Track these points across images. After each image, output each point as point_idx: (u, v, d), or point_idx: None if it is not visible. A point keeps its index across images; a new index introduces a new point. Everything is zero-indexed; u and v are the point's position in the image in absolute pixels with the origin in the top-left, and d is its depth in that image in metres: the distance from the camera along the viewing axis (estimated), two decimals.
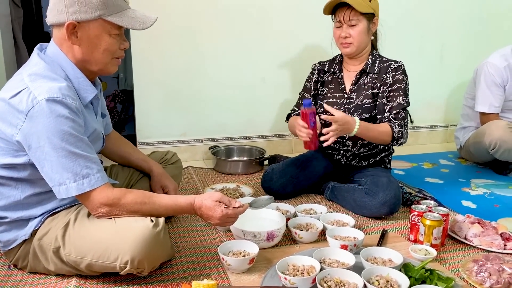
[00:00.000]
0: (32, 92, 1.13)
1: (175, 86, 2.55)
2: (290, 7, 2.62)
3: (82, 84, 1.27)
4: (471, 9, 3.00)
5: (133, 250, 1.15)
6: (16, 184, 1.24)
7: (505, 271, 1.30)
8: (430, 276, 1.26)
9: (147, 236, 1.17)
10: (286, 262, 1.29)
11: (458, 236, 1.61)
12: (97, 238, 1.19)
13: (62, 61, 1.24)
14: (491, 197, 2.09)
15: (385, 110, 1.85)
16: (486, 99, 2.45)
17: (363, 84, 1.91)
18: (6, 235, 1.28)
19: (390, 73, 1.86)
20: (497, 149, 2.30)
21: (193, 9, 2.46)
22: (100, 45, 1.24)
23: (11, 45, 2.43)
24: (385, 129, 1.80)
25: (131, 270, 1.18)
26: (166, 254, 1.34)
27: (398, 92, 1.84)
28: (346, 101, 1.93)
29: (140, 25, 1.27)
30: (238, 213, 1.33)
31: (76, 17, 1.19)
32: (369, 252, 1.38)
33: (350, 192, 1.86)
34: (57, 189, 1.17)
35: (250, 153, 2.62)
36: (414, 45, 2.94)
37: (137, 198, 1.24)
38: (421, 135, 3.14)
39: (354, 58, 1.93)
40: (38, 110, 1.12)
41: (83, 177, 1.16)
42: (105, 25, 1.23)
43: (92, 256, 1.19)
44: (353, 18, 1.81)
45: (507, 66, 2.41)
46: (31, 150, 1.15)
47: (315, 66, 2.06)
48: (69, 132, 1.14)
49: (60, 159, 1.14)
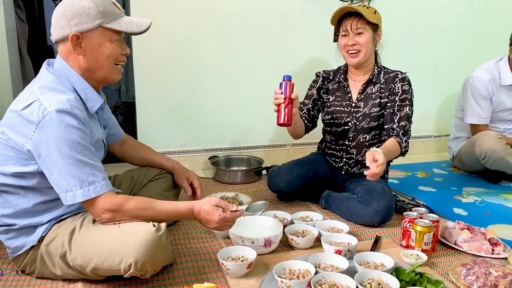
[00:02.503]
0: (43, 104, 1.21)
1: (175, 98, 2.62)
2: (288, 21, 2.71)
3: (89, 94, 1.34)
4: (462, 22, 3.09)
5: (137, 253, 1.21)
6: (24, 193, 1.31)
7: (492, 274, 1.36)
8: (420, 279, 1.32)
9: (150, 240, 1.23)
10: (282, 266, 1.35)
11: (449, 242, 1.68)
12: (102, 242, 1.25)
13: (69, 74, 1.32)
14: (481, 205, 2.15)
15: (394, 120, 1.93)
16: (474, 111, 2.55)
17: (371, 93, 1.98)
18: (14, 241, 1.34)
19: (398, 83, 1.94)
20: (488, 159, 2.38)
21: (193, 25, 2.55)
22: (103, 52, 1.32)
23: (17, 59, 2.51)
24: (396, 147, 1.89)
25: (135, 272, 1.23)
26: (168, 257, 1.40)
27: (405, 102, 1.93)
28: (353, 109, 2.00)
29: (138, 28, 1.34)
30: (235, 216, 1.40)
31: (78, 28, 1.28)
32: (362, 257, 1.44)
33: (344, 201, 1.92)
34: (64, 196, 1.23)
35: (249, 163, 2.69)
36: (407, 57, 3.02)
37: (139, 204, 1.30)
38: (415, 145, 3.21)
39: (360, 68, 2.00)
40: (48, 120, 1.19)
41: (89, 184, 1.23)
42: (106, 32, 1.31)
43: (97, 260, 1.24)
44: (360, 27, 1.88)
45: (491, 79, 2.50)
46: (41, 158, 1.22)
47: (320, 74, 2.11)
48: (77, 141, 1.21)
49: (67, 167, 1.21)
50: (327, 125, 2.08)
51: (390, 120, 1.94)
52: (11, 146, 1.26)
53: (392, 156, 1.91)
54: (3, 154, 1.28)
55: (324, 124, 2.11)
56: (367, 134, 1.99)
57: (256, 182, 2.48)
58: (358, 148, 2.02)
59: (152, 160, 1.78)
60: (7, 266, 1.46)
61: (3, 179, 1.29)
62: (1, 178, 1.29)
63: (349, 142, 2.02)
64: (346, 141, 2.03)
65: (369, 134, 1.99)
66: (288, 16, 2.71)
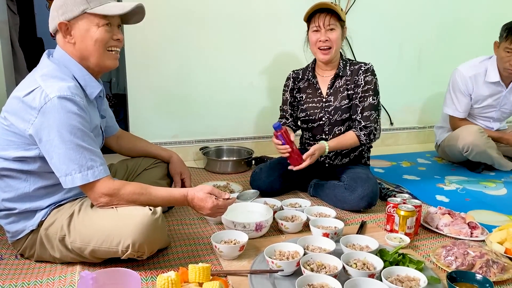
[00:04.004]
0: (45, 91, 1.26)
1: (167, 90, 2.66)
2: (275, 15, 2.77)
3: (88, 81, 1.39)
4: (447, 18, 3.18)
5: (134, 235, 1.27)
6: (25, 177, 1.35)
7: (469, 254, 1.45)
8: (402, 259, 1.40)
9: (147, 222, 1.28)
10: (273, 248, 1.42)
11: (430, 226, 1.76)
12: (100, 225, 1.30)
13: (68, 62, 1.37)
14: (463, 192, 2.25)
15: (357, 110, 2.00)
16: (451, 103, 2.65)
17: (339, 87, 2.05)
18: (14, 226, 1.39)
19: (362, 75, 2.01)
20: (470, 152, 2.47)
21: (184, 17, 2.59)
22: (91, 37, 1.36)
23: (9, 50, 2.53)
24: (353, 140, 1.98)
25: (132, 253, 1.29)
26: (163, 240, 1.46)
27: (368, 92, 1.99)
28: (324, 104, 2.07)
29: (120, 10, 1.37)
30: (227, 204, 1.46)
31: (65, 17, 1.34)
32: (348, 240, 1.51)
33: (331, 188, 1.99)
34: (63, 179, 1.29)
35: (239, 154, 2.75)
36: (393, 51, 3.11)
37: (135, 189, 1.36)
38: (400, 136, 3.31)
39: (328, 64, 2.06)
40: (50, 106, 1.24)
41: (87, 169, 1.28)
42: (91, 18, 1.35)
43: (95, 242, 1.30)
44: (332, 23, 1.94)
45: (473, 76, 2.58)
46: (42, 143, 1.27)
47: (290, 75, 2.18)
48: (77, 127, 1.27)
49: (67, 151, 1.26)
50: (303, 122, 2.15)
51: (354, 112, 2.02)
52: (13, 131, 1.30)
53: (343, 147, 2.01)
54: (5, 140, 1.32)
55: (301, 121, 2.18)
56: (341, 126, 2.07)
57: (246, 172, 2.54)
58: None
59: (149, 151, 1.83)
60: (6, 251, 1.51)
61: (5, 163, 1.33)
62: (3, 162, 1.34)
63: (325, 136, 2.10)
64: (323, 135, 2.10)
65: (343, 126, 2.07)
66: (278, 9, 2.76)
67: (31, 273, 1.37)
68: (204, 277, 1.22)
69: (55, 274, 1.37)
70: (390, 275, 1.29)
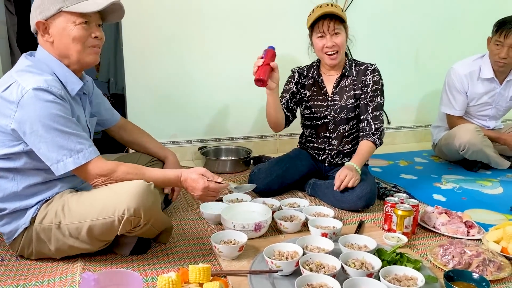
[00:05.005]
0: (21, 84, 1.27)
1: (165, 89, 2.67)
2: (274, 14, 2.77)
3: (68, 78, 1.40)
4: (443, 17, 3.19)
5: (129, 200, 1.28)
6: (12, 176, 1.36)
7: (466, 253, 1.47)
8: (400, 259, 1.41)
9: (139, 187, 1.31)
10: (272, 248, 1.43)
11: (428, 225, 1.78)
12: (94, 200, 1.33)
13: (49, 61, 1.38)
14: (459, 191, 2.27)
15: (368, 110, 2.03)
16: (448, 102, 2.67)
17: (345, 86, 2.07)
18: (7, 227, 1.40)
19: (370, 75, 2.03)
20: (466, 151, 2.49)
21: (182, 17, 2.59)
22: (68, 36, 1.36)
23: (7, 51, 2.53)
24: (370, 148, 2.02)
25: (129, 219, 1.29)
26: (159, 207, 1.44)
27: (377, 92, 2.03)
28: (330, 103, 2.08)
29: (95, 7, 1.37)
30: (219, 188, 1.49)
31: (43, 16, 1.35)
32: (346, 239, 1.53)
33: (329, 188, 2.00)
34: (55, 167, 1.30)
35: (237, 153, 2.76)
36: (390, 50, 3.12)
37: (129, 169, 1.39)
38: (397, 135, 3.33)
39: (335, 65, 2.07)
40: (27, 98, 1.25)
41: (77, 152, 1.31)
42: (67, 16, 1.35)
43: (92, 217, 1.30)
44: (337, 27, 1.94)
45: (468, 74, 2.60)
46: (26, 135, 1.28)
47: (295, 70, 2.18)
48: (58, 114, 1.28)
49: (54, 139, 1.27)
50: (307, 119, 2.16)
51: (365, 111, 2.04)
52: None
53: (368, 157, 2.04)
54: None
55: (304, 118, 2.19)
56: (346, 124, 2.09)
57: (244, 171, 2.55)
58: (339, 139, 2.12)
59: (147, 148, 1.84)
60: (6, 253, 1.51)
61: None
62: None
63: (330, 134, 2.12)
64: (327, 133, 2.12)
65: (347, 125, 2.09)
66: (277, 9, 2.77)
67: (32, 274, 1.38)
68: (205, 277, 1.23)
69: (56, 274, 1.37)
70: (388, 275, 1.31)
